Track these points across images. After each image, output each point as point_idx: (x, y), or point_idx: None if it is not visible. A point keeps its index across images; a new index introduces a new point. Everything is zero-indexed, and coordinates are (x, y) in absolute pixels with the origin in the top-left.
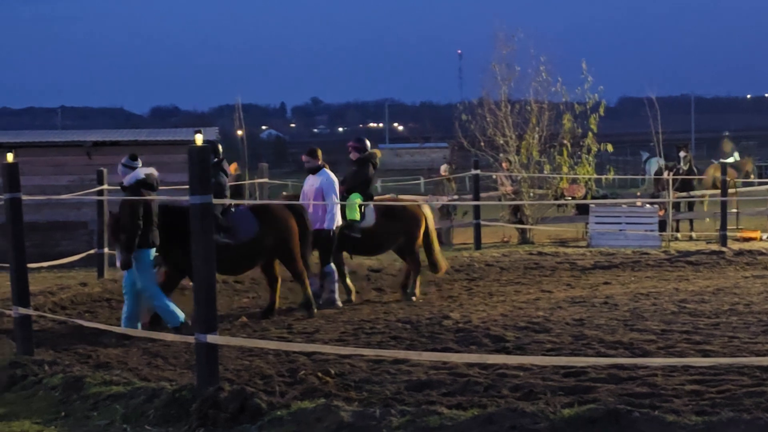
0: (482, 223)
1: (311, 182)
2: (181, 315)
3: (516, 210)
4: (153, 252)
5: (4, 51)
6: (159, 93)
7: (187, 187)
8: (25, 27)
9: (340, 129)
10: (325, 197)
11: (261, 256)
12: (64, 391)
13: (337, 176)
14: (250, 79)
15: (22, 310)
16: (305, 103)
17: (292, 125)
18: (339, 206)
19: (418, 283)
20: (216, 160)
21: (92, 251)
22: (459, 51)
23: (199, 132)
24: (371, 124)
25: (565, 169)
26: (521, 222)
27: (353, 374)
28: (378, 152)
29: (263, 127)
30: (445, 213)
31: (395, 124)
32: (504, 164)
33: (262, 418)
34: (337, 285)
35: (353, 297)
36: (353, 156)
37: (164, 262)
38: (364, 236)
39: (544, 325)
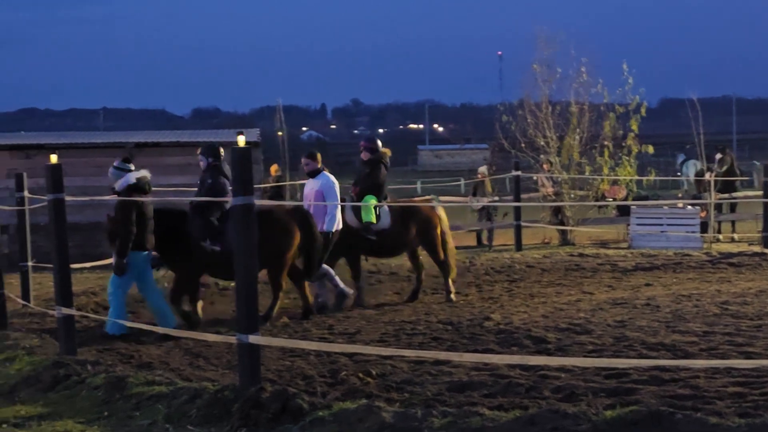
0: (523, 224)
1: (311, 185)
2: (125, 329)
3: (557, 211)
4: (145, 255)
5: (47, 53)
6: (200, 94)
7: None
8: (66, 29)
9: (381, 130)
10: (325, 199)
11: (260, 260)
12: (106, 390)
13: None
14: (290, 81)
15: (65, 311)
16: (345, 104)
17: (333, 126)
18: (339, 209)
19: (451, 283)
20: (216, 162)
21: None
22: (499, 52)
23: (242, 133)
24: (411, 125)
25: (606, 170)
26: (562, 223)
27: (394, 375)
28: (388, 152)
29: (304, 129)
30: (485, 214)
31: (435, 125)
32: (545, 165)
33: (304, 419)
34: (337, 278)
35: (349, 302)
36: (364, 156)
37: (168, 267)
38: (380, 238)
39: (586, 326)
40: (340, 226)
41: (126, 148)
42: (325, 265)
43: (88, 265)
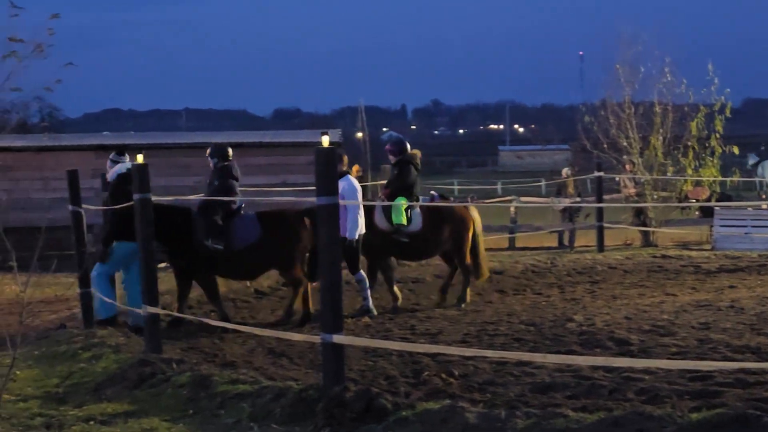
0: (605, 225)
1: None
2: (113, 311)
3: (639, 212)
4: (128, 246)
5: (130, 54)
6: (281, 95)
7: (310, 188)
8: (150, 30)
9: (461, 131)
10: (347, 207)
11: (262, 263)
12: (191, 389)
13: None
14: (371, 81)
15: (151, 309)
16: (426, 104)
17: (413, 127)
18: (362, 214)
19: (468, 289)
20: (223, 164)
21: None
22: (581, 52)
23: (326, 134)
24: (492, 126)
25: (689, 171)
26: (644, 224)
27: (477, 376)
28: (418, 153)
29: (384, 129)
30: (567, 215)
31: (516, 126)
32: (627, 166)
33: (387, 419)
34: (370, 292)
35: (399, 303)
36: (391, 159)
37: (172, 264)
38: (412, 240)
39: (669, 328)
40: (363, 231)
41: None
42: (362, 273)
43: None
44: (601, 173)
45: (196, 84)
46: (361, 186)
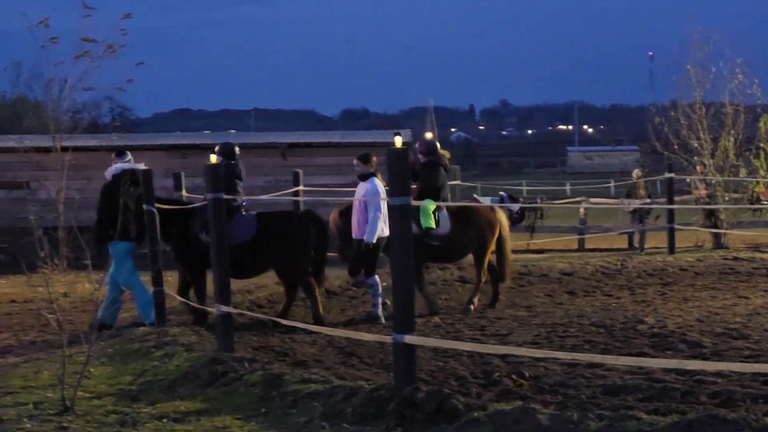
0: (676, 227)
1: (359, 190)
2: (151, 318)
3: (710, 214)
4: (129, 245)
5: (200, 54)
6: (349, 95)
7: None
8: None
9: (529, 131)
10: (368, 208)
11: (256, 262)
12: (263, 388)
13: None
14: (439, 82)
15: (224, 308)
16: (494, 105)
17: (481, 127)
18: (384, 218)
19: (477, 295)
20: (229, 162)
21: None
22: (650, 53)
23: (398, 134)
24: (560, 127)
25: (761, 172)
26: (715, 226)
27: (547, 377)
28: (447, 154)
29: (452, 130)
30: (637, 217)
31: (585, 127)
32: (698, 167)
33: (459, 419)
34: (380, 299)
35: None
36: (421, 158)
37: (176, 260)
38: (441, 243)
39: (742, 331)
40: (386, 233)
41: (279, 149)
42: (376, 278)
43: None
44: (672, 174)
45: (264, 84)
46: None
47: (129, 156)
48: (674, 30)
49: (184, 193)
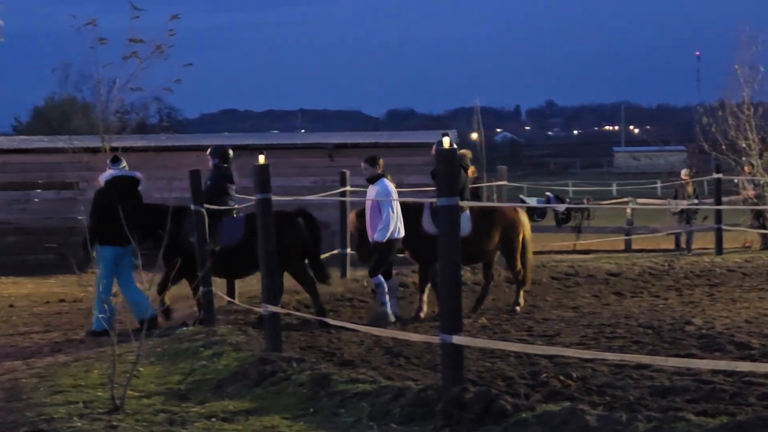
0: (723, 227)
1: (370, 192)
2: (152, 310)
3: (758, 215)
4: (114, 250)
5: (246, 55)
6: (395, 96)
7: (426, 189)
8: (265, 32)
9: (575, 132)
10: (381, 210)
11: (246, 263)
12: (311, 387)
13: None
14: (484, 82)
15: (272, 308)
16: (540, 105)
17: (527, 128)
18: (396, 218)
19: (522, 293)
20: (220, 164)
21: (335, 251)
22: (697, 53)
23: (446, 135)
24: (606, 127)
25: None
26: (764, 227)
27: (595, 378)
28: (468, 153)
29: (498, 130)
30: (684, 217)
31: (631, 127)
32: (746, 168)
33: (507, 420)
34: (388, 297)
35: (422, 315)
36: None
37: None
38: (462, 245)
39: None
40: (401, 234)
41: (326, 149)
42: (380, 277)
43: None
44: (720, 175)
45: (310, 85)
46: (478, 188)
47: (124, 163)
48: (722, 30)
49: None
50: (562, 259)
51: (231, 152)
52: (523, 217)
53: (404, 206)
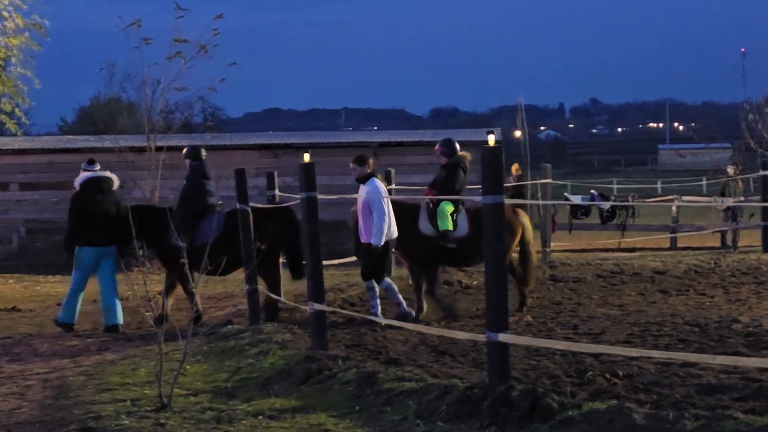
0: None
1: (361, 193)
2: (119, 319)
3: None
4: (92, 251)
5: (290, 54)
6: (439, 94)
7: (471, 186)
8: (308, 31)
9: (619, 129)
10: (372, 210)
11: (228, 259)
12: (357, 386)
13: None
14: (528, 80)
15: (318, 306)
16: (584, 103)
17: (571, 126)
18: (389, 219)
19: (526, 295)
20: (195, 164)
21: None
22: (742, 49)
23: (492, 132)
24: (651, 124)
25: None
26: None
27: (641, 376)
28: (467, 155)
29: (541, 128)
30: (730, 215)
31: (675, 124)
32: None
33: (554, 418)
34: (378, 301)
35: (421, 316)
36: (442, 161)
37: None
38: (458, 246)
39: None
40: (395, 235)
41: (370, 148)
42: (387, 279)
43: (335, 262)
44: (767, 172)
45: (353, 83)
46: (522, 186)
47: (98, 166)
48: (767, 26)
49: (276, 192)
50: (607, 257)
51: (203, 151)
52: (524, 219)
53: (400, 206)
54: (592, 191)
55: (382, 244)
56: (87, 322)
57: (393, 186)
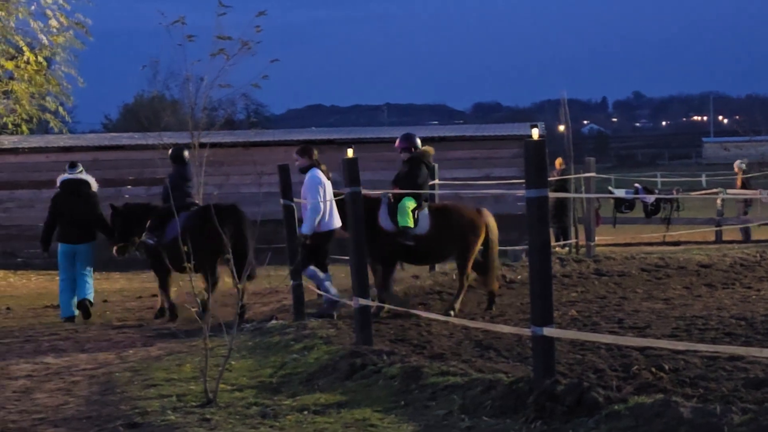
0: None
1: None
2: (74, 312)
3: None
4: (66, 247)
5: (332, 51)
6: (481, 89)
7: (514, 181)
8: (350, 27)
9: (663, 123)
10: (305, 200)
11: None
12: (402, 380)
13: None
14: (570, 74)
15: (362, 301)
16: (627, 97)
17: (614, 120)
18: (328, 209)
19: (461, 299)
20: (176, 164)
21: None
22: None
23: (535, 126)
24: (695, 118)
25: None
26: None
27: (687, 370)
28: (431, 150)
29: (584, 122)
30: None
31: (720, 117)
32: None
33: (599, 412)
34: (328, 284)
35: (383, 313)
36: (403, 156)
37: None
38: (417, 243)
39: None
40: (337, 225)
41: None
42: (313, 268)
43: None
44: None
45: (396, 79)
46: (566, 180)
47: (80, 168)
48: None
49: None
50: (651, 251)
51: (186, 153)
52: (489, 219)
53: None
54: (636, 185)
55: (320, 233)
56: (132, 318)
57: (437, 181)
